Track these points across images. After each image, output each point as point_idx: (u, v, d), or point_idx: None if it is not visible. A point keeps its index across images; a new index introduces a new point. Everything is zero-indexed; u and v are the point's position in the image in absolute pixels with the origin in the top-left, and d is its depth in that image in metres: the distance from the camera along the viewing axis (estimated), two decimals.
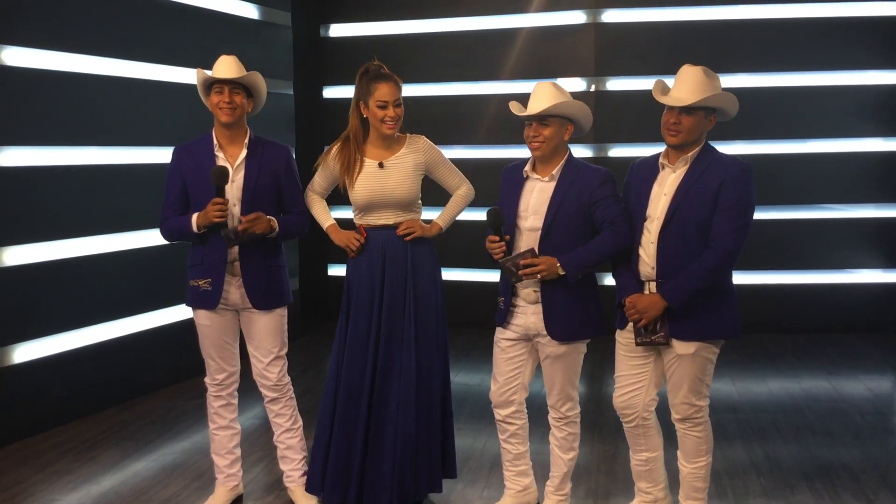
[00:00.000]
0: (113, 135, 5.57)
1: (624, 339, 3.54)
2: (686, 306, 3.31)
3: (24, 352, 5.03)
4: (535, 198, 3.54)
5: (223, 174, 3.61)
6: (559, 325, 3.53)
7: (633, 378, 3.54)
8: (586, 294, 3.57)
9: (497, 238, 3.49)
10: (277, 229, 3.76)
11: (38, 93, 5.06)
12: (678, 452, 3.56)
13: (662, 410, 3.60)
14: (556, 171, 3.54)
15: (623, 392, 3.58)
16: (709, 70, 3.38)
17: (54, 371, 5.18)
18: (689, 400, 3.42)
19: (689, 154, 3.36)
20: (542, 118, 3.47)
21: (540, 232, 3.51)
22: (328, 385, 3.91)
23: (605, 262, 3.50)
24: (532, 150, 3.54)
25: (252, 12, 6.84)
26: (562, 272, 3.42)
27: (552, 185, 3.53)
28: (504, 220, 3.52)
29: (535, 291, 3.55)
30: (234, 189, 3.70)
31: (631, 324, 3.45)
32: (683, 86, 3.34)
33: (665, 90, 3.41)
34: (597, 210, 3.48)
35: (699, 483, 3.53)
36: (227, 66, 3.67)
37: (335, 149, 3.88)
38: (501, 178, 3.73)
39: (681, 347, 3.37)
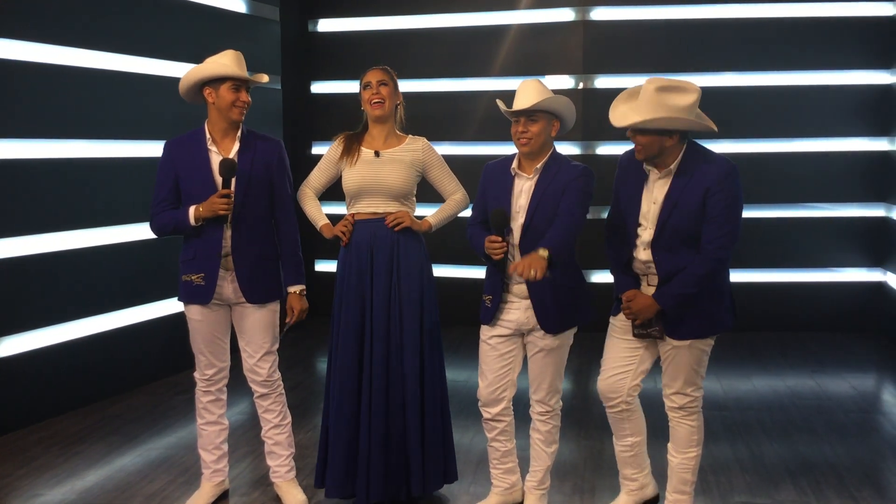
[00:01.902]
0: (100, 128, 5.55)
1: (619, 322, 3.57)
2: (677, 310, 3.36)
3: (9, 346, 5.00)
4: (524, 196, 3.56)
5: (232, 167, 3.62)
6: (551, 319, 3.55)
7: (622, 362, 3.56)
8: (572, 282, 3.60)
9: (499, 238, 3.49)
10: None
11: (26, 85, 5.03)
12: (669, 445, 3.57)
13: (651, 401, 3.61)
14: (539, 166, 3.55)
15: (609, 375, 3.60)
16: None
17: (39, 365, 5.15)
18: (684, 390, 3.45)
19: (672, 164, 3.36)
20: (531, 114, 3.48)
21: (521, 228, 3.54)
22: (327, 383, 3.93)
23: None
24: (520, 146, 3.54)
25: (240, 6, 6.82)
26: (544, 255, 3.36)
27: (535, 180, 3.55)
28: (509, 222, 3.53)
29: (526, 287, 3.57)
30: None
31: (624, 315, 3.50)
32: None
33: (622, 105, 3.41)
34: (563, 197, 3.48)
35: (688, 475, 3.55)
36: (242, 64, 3.69)
37: (338, 140, 3.90)
38: (483, 175, 3.73)
39: (676, 342, 3.41)
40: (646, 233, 3.41)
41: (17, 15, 4.96)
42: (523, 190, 3.56)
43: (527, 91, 3.49)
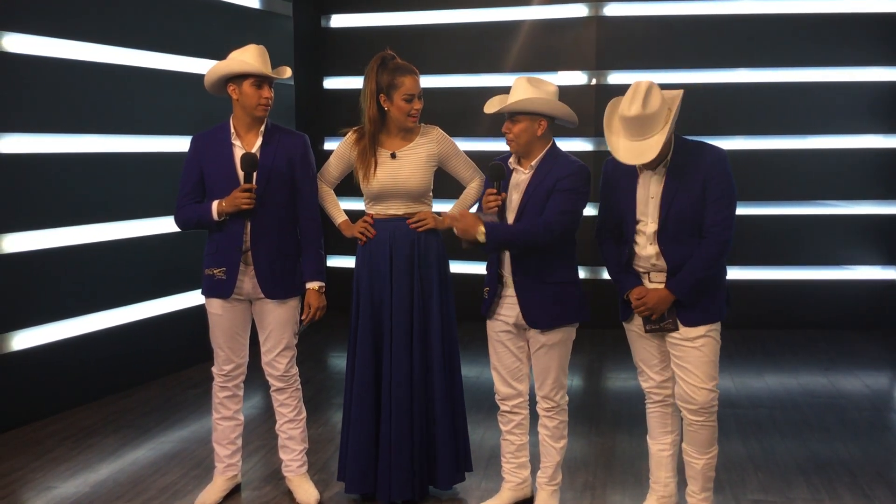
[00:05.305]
0: (112, 123, 5.56)
1: (635, 325, 3.54)
2: (692, 297, 3.36)
3: (23, 339, 5.02)
4: (518, 190, 3.57)
5: (253, 161, 3.63)
6: (536, 315, 3.55)
7: (659, 357, 3.54)
8: (559, 282, 3.57)
9: (495, 191, 3.48)
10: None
11: (39, 80, 5.05)
12: (686, 447, 3.52)
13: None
14: (534, 162, 3.56)
15: (652, 373, 3.58)
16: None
17: (53, 359, 5.17)
18: (707, 385, 3.39)
19: (665, 157, 3.38)
20: (512, 115, 3.48)
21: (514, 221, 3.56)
22: (346, 380, 3.93)
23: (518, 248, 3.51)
24: (507, 144, 3.58)
25: (254, 2, 6.83)
26: (482, 238, 3.42)
27: (529, 176, 3.56)
28: (505, 175, 3.53)
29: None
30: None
31: (636, 314, 3.48)
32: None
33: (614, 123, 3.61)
34: (550, 200, 3.47)
35: (712, 472, 3.55)
36: (265, 60, 3.68)
37: (352, 139, 3.85)
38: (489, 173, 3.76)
39: (690, 332, 3.38)
40: (648, 227, 3.40)
41: (28, 9, 4.98)
42: (518, 183, 3.58)
43: (512, 91, 3.51)
